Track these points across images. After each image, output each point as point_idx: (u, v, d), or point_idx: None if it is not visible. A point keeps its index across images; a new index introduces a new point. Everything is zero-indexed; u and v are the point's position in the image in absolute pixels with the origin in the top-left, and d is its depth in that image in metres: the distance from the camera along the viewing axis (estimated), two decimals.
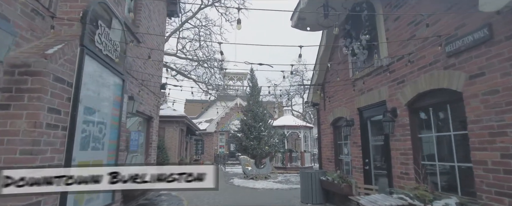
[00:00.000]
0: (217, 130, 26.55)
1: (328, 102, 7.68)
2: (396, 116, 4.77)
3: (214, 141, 26.51)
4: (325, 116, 7.91)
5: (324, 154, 7.95)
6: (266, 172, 12.27)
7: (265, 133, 12.79)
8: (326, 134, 7.80)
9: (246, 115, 13.20)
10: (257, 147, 12.45)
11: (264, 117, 13.16)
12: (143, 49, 6.39)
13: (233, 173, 15.79)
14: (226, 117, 26.71)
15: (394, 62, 4.89)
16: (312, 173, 7.49)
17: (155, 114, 8.00)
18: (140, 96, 6.50)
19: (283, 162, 15.94)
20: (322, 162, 8.02)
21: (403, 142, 4.61)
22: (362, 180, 5.88)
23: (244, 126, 13.01)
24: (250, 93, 13.68)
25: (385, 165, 5.23)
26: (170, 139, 14.70)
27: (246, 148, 12.61)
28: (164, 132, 14.75)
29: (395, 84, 4.84)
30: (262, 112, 13.17)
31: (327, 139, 7.77)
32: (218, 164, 23.14)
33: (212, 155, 26.35)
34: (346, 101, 6.70)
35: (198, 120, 30.38)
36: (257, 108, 13.14)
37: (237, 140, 13.08)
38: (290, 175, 14.37)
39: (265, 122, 13.12)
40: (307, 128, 17.08)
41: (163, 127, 14.81)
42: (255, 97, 13.44)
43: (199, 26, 14.52)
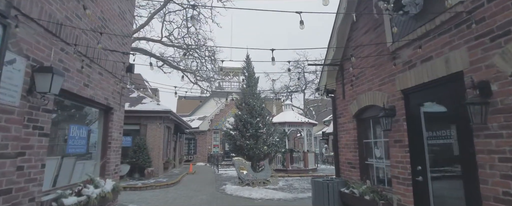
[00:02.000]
0: (211, 128, 24.54)
1: (349, 87, 5.70)
2: (490, 95, 2.80)
3: (208, 140, 24.50)
4: (345, 106, 5.93)
5: (343, 156, 5.97)
6: (265, 177, 10.28)
7: (264, 131, 10.79)
8: (347, 130, 5.82)
9: (241, 109, 11.18)
10: (254, 147, 10.46)
11: (262, 112, 11.17)
12: None
13: (226, 177, 13.79)
14: (220, 114, 24.70)
15: (482, 5, 2.92)
16: (328, 183, 5.53)
17: (117, 103, 5.98)
18: (85, 75, 4.49)
19: (284, 164, 13.97)
20: (341, 168, 6.05)
21: (506, 139, 2.64)
22: (411, 198, 3.92)
23: (238, 123, 11.00)
24: (246, 83, 11.66)
25: (462, 179, 3.27)
26: (153, 137, 12.66)
27: (241, 148, 10.61)
28: (145, 130, 12.72)
29: (487, 41, 2.86)
30: (260, 106, 11.17)
31: (347, 137, 5.80)
32: (212, 165, 21.20)
33: (206, 155, 24.35)
34: (380, 83, 4.72)
35: (191, 118, 28.41)
36: (254, 101, 11.14)
37: (230, 139, 11.07)
38: (292, 180, 12.41)
39: (264, 118, 11.12)
40: (310, 125, 15.12)
41: (145, 124, 12.78)
42: (252, 88, 11.43)
43: (187, 6, 12.48)
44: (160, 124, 12.81)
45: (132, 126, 13.01)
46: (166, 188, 10.16)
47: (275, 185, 10.23)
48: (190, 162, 23.77)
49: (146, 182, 10.54)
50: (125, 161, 11.94)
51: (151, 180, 11.14)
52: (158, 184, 10.12)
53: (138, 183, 10.38)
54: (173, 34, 15.22)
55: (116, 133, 5.99)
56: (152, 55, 13.39)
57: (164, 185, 10.25)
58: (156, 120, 12.80)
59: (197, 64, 14.77)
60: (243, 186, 9.85)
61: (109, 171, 5.65)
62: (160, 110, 12.54)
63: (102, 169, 5.55)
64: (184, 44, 14.76)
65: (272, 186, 10.09)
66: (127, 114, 12.85)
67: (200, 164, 23.38)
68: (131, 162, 11.73)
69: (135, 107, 12.66)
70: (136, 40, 14.07)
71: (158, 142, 12.71)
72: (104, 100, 5.32)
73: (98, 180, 4.70)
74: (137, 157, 11.80)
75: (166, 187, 10.26)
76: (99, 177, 5.42)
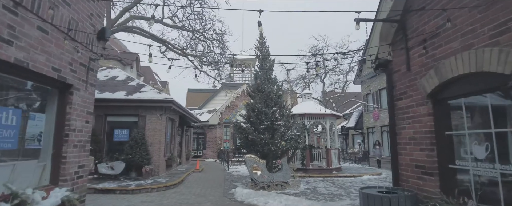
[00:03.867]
0: (221, 122, 22.86)
1: (419, 52, 3.75)
2: None
3: (218, 134, 22.85)
4: (411, 82, 3.98)
5: (406, 157, 4.03)
6: (284, 179, 8.45)
7: (281, 123, 8.90)
8: (414, 116, 3.88)
9: (254, 97, 9.31)
10: (269, 143, 8.61)
11: (280, 100, 9.27)
12: None
13: (237, 176, 12.05)
14: (231, 107, 22.97)
15: None
16: (390, 199, 3.61)
17: (81, 80, 4.22)
18: (16, 32, 2.76)
19: (304, 162, 12.08)
20: (402, 174, 4.11)
21: None
22: None
23: (251, 113, 9.15)
24: (260, 67, 9.77)
25: None
26: (153, 131, 11.00)
27: (254, 143, 8.79)
28: (144, 122, 11.06)
29: None
30: (277, 93, 9.28)
31: (416, 127, 3.86)
32: (221, 162, 19.53)
33: (216, 151, 22.73)
34: (494, 33, 2.76)
35: (200, 111, 26.88)
36: (269, 86, 9.25)
37: (241, 133, 9.25)
38: (314, 181, 10.51)
39: (281, 107, 9.22)
40: (333, 117, 13.13)
41: (144, 115, 11.12)
42: (266, 72, 9.53)
43: None
44: (160, 116, 11.13)
45: (129, 118, 11.41)
46: (164, 190, 8.47)
47: (295, 189, 8.38)
48: (199, 158, 22.23)
49: (141, 183, 8.89)
50: (120, 158, 10.35)
51: (148, 181, 9.48)
52: (155, 186, 8.45)
53: (132, 184, 8.74)
54: (177, 16, 13.45)
55: (79, 121, 4.25)
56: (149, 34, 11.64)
57: (162, 187, 8.57)
58: (156, 111, 11.13)
59: (203, 48, 12.97)
60: (257, 190, 8.05)
61: (65, 175, 3.92)
62: (160, 99, 10.84)
63: (54, 173, 3.83)
64: (189, 26, 12.96)
65: (292, 190, 8.25)
66: (123, 104, 11.25)
67: (210, 160, 21.79)
68: (126, 159, 10.12)
69: (132, 96, 11.02)
70: (133, 19, 12.41)
71: (158, 136, 11.05)
72: (53, 71, 3.56)
73: (27, 193, 2.95)
74: (133, 154, 10.17)
75: (164, 189, 8.57)
76: (49, 184, 3.74)
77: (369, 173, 12.30)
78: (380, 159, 15.73)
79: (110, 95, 11.10)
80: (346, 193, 8.23)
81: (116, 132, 11.23)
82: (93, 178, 9.68)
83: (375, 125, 20.99)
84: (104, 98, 10.96)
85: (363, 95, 22.77)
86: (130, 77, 13.45)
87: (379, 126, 20.59)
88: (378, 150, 16.35)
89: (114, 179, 9.65)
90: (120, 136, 11.20)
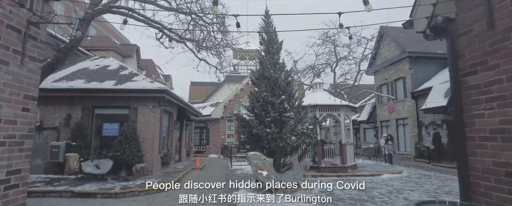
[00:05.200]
0: (225, 116, 21.64)
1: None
2: None
3: (221, 129, 21.65)
4: (495, 45, 2.61)
5: (486, 159, 2.69)
6: (294, 180, 7.16)
7: (291, 114, 7.59)
8: (504, 99, 2.52)
9: (259, 85, 8.00)
10: (277, 138, 7.32)
11: (289, 88, 7.95)
12: None
13: (241, 175, 10.83)
14: (235, 100, 21.71)
15: None
16: None
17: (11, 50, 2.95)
18: None
19: (315, 160, 10.77)
20: (478, 182, 2.77)
21: None
22: None
23: (255, 104, 7.86)
24: (265, 50, 8.43)
25: None
26: (145, 125, 9.79)
27: (260, 138, 7.51)
28: (136, 115, 9.87)
29: None
30: (286, 79, 7.96)
31: (502, 114, 2.50)
32: (225, 158, 18.36)
33: (219, 146, 21.56)
34: None
35: (203, 104, 25.76)
36: (276, 72, 7.93)
37: (244, 126, 7.98)
38: (328, 181, 9.15)
39: (291, 97, 7.91)
40: (348, 109, 11.77)
41: (135, 107, 9.92)
42: (273, 56, 8.20)
43: None
44: (153, 107, 9.91)
45: (120, 110, 10.23)
46: (155, 193, 7.28)
47: (308, 192, 7.09)
48: (202, 154, 21.10)
49: (129, 185, 7.71)
50: (108, 155, 9.19)
51: (137, 181, 8.30)
52: (142, 189, 7.25)
53: (117, 186, 7.56)
54: None
55: (9, 109, 3.00)
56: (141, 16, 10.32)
57: (152, 190, 7.36)
58: (149, 102, 9.91)
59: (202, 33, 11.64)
60: (263, 193, 6.78)
61: None
62: (153, 88, 9.61)
63: None
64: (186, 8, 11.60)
65: (304, 194, 6.96)
66: (112, 95, 9.97)
67: (213, 156, 20.63)
68: (114, 157, 8.95)
69: (122, 86, 9.81)
70: None
71: (152, 131, 9.85)
72: None
73: None
74: (122, 150, 8.99)
75: (155, 192, 7.37)
76: None
77: (389, 172, 10.95)
78: (392, 154, 14.27)
79: (98, 85, 9.92)
80: (369, 197, 6.94)
81: (105, 126, 10.08)
82: (77, 178, 8.54)
83: (390, 118, 19.53)
84: (91, 88, 9.80)
85: (376, 87, 21.27)
86: (123, 66, 12.24)
87: (394, 120, 19.13)
88: (390, 146, 14.88)
89: (100, 179, 8.49)
90: (110, 130, 10.04)
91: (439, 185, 8.44)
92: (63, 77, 10.63)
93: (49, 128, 9.87)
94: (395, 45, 19.13)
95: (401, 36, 19.13)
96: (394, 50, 19.17)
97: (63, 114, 9.93)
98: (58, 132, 9.83)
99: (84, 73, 11.13)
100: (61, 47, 8.35)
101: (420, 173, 11.24)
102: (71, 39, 8.44)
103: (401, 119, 18.55)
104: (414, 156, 16.70)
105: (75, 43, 8.39)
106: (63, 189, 6.84)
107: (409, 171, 11.83)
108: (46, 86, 9.82)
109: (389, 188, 8.06)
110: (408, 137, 17.53)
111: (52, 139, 9.77)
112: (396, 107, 18.85)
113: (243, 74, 29.39)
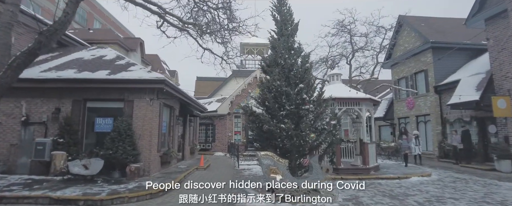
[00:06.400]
0: (231, 112, 20.51)
1: None
2: None
3: (228, 125, 20.53)
4: None
5: None
6: (314, 185, 5.95)
7: (310, 107, 6.37)
8: None
9: (271, 73, 6.78)
10: (293, 134, 6.11)
11: (307, 76, 6.72)
12: None
13: (249, 176, 9.69)
14: (242, 95, 20.56)
15: None
16: None
17: None
18: None
19: (333, 160, 9.53)
20: None
21: None
22: None
23: (267, 94, 6.65)
24: (278, 32, 7.20)
25: None
26: (142, 120, 8.70)
27: (272, 136, 6.31)
28: (131, 109, 8.79)
29: None
30: (303, 66, 6.73)
31: None
32: (232, 156, 17.26)
33: (226, 144, 20.46)
34: None
35: (209, 100, 24.70)
36: (291, 57, 6.71)
37: (254, 121, 6.79)
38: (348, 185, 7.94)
39: (309, 86, 6.68)
40: (370, 103, 10.48)
41: (131, 100, 8.83)
42: (287, 39, 6.97)
43: None
44: (151, 100, 8.79)
45: (114, 103, 9.16)
46: (148, 200, 6.17)
47: (331, 201, 5.89)
48: (208, 151, 20.04)
49: (119, 189, 6.61)
50: (100, 153, 8.14)
51: (130, 185, 7.20)
52: (134, 194, 6.15)
53: (105, 190, 6.45)
54: None
55: None
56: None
57: (144, 196, 6.26)
58: (146, 95, 8.80)
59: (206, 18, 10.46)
60: (277, 203, 5.61)
61: None
62: (149, 78, 8.49)
63: None
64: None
65: (325, 201, 5.76)
66: (105, 86, 8.68)
67: (219, 154, 19.53)
68: (106, 155, 7.89)
69: (115, 75, 8.72)
70: None
71: (149, 126, 8.75)
72: None
73: None
74: (115, 148, 7.91)
75: (148, 197, 6.27)
76: None
77: (417, 174, 9.65)
78: (408, 154, 12.01)
79: (89, 75, 8.84)
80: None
81: (98, 121, 9.02)
82: (62, 180, 7.49)
83: (409, 115, 18.09)
84: (81, 78, 8.73)
85: (393, 81, 19.82)
86: (121, 56, 11.16)
87: (414, 116, 17.69)
88: (405, 142, 12.62)
89: (88, 181, 7.43)
90: (103, 126, 8.97)
91: (485, 192, 7.13)
92: (53, 67, 9.59)
93: (36, 123, 8.85)
94: (415, 35, 17.64)
95: (422, 26, 17.65)
96: (415, 41, 17.67)
97: (51, 108, 8.90)
98: (46, 127, 8.81)
99: (77, 63, 10.08)
100: (43, 30, 7.28)
101: (452, 176, 9.91)
102: (55, 21, 7.36)
103: (422, 116, 17.11)
104: (437, 155, 15.29)
105: (60, 25, 7.29)
106: (40, 194, 5.78)
107: (438, 173, 10.50)
108: (32, 76, 8.82)
109: (425, 195, 6.79)
110: (430, 135, 16.10)
111: (40, 135, 8.76)
112: (417, 102, 17.41)
113: (251, 69, 28.17)
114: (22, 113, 8.87)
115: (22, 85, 8.74)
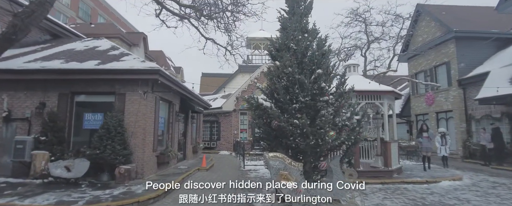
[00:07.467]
0: (237, 109, 19.48)
1: None
2: None
3: (233, 123, 19.52)
4: None
5: None
6: (334, 194, 4.87)
7: (331, 98, 5.27)
8: None
9: (281, 58, 5.67)
10: (308, 132, 5.01)
11: (325, 61, 5.60)
12: None
13: (255, 178, 8.66)
14: (248, 91, 19.48)
15: None
16: None
17: None
18: None
19: (351, 161, 8.38)
20: None
21: None
22: None
23: (276, 84, 5.56)
24: (289, 11, 6.10)
25: None
26: (135, 115, 7.71)
27: (282, 133, 5.23)
28: (123, 103, 7.80)
29: None
30: (320, 50, 5.63)
31: None
32: (237, 155, 16.26)
33: (231, 142, 19.46)
34: None
35: (214, 96, 23.77)
36: (305, 40, 5.61)
37: (260, 117, 5.72)
38: (371, 191, 6.87)
39: (327, 74, 5.56)
40: (391, 97, 9.32)
41: (122, 93, 7.85)
42: (300, 19, 5.86)
43: None
44: (145, 94, 7.80)
45: (105, 97, 8.20)
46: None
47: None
48: (213, 150, 19.08)
49: (103, 196, 5.63)
50: (86, 153, 7.19)
51: (117, 190, 6.22)
52: (117, 203, 5.15)
53: (86, 197, 5.47)
54: None
55: None
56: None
57: (132, 203, 5.26)
58: (139, 87, 7.81)
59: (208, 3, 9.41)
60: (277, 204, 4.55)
61: None
62: (140, 68, 7.47)
63: None
64: None
65: None
66: (93, 77, 7.19)
67: (224, 153, 18.54)
68: (93, 155, 6.92)
69: (104, 65, 7.75)
70: None
71: (143, 123, 7.76)
72: None
73: None
74: (103, 147, 6.94)
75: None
76: None
77: (447, 178, 8.46)
78: (427, 155, 10.15)
79: (77, 65, 7.89)
80: None
81: (86, 117, 8.07)
82: (42, 183, 6.56)
83: (428, 111, 16.76)
84: (67, 68, 7.78)
85: (410, 75, 18.48)
86: (116, 46, 10.19)
87: (433, 113, 16.36)
88: (426, 141, 10.52)
89: (71, 185, 6.48)
90: (92, 122, 8.03)
91: None
92: (39, 58, 8.68)
93: (19, 119, 7.96)
94: (435, 25, 16.28)
95: (443, 14, 16.26)
96: (435, 31, 16.32)
97: (35, 102, 7.99)
98: (30, 124, 7.91)
99: (67, 54, 9.16)
100: (18, 12, 6.35)
101: (488, 180, 8.69)
102: (32, 1, 6.41)
103: (443, 112, 15.77)
104: (462, 156, 13.99)
105: (38, 6, 6.35)
106: (4, 203, 4.84)
107: (469, 176, 9.28)
108: (14, 66, 7.93)
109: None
110: (453, 133, 14.76)
111: (23, 133, 7.87)
112: (437, 98, 16.08)
113: (257, 64, 27.11)
114: (4, 108, 7.98)
115: (3, 77, 7.88)
